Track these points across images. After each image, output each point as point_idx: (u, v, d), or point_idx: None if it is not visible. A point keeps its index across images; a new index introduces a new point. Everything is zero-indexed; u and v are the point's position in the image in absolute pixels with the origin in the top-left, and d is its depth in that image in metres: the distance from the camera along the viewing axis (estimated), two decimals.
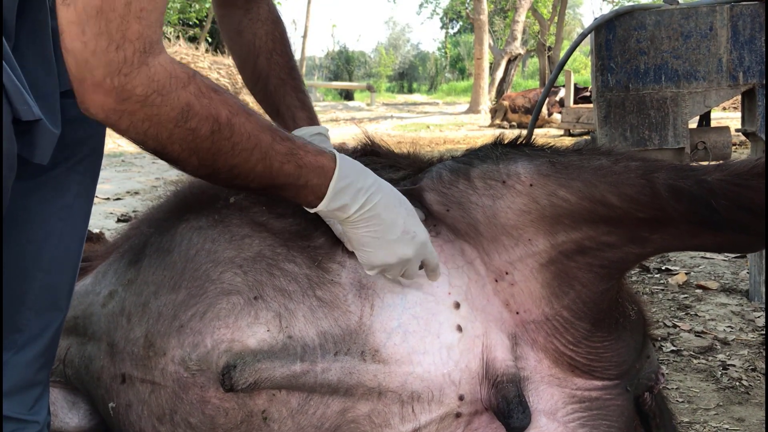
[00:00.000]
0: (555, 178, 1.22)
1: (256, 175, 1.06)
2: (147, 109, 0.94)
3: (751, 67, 2.53)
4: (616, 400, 1.34)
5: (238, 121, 1.02)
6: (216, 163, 1.03)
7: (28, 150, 1.12)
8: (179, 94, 0.96)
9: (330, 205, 1.13)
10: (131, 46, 0.91)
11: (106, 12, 0.89)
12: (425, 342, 1.23)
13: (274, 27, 1.50)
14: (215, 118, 0.99)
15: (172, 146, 0.99)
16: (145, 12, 0.92)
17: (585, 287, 1.25)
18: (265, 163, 1.06)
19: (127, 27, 0.91)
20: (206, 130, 0.99)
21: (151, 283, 1.35)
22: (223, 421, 1.23)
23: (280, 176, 1.08)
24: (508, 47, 20.53)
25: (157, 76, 0.94)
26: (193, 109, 0.97)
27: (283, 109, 1.47)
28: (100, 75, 0.91)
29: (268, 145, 1.05)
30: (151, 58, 0.94)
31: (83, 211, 1.30)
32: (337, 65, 41.82)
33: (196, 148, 1.00)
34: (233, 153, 1.02)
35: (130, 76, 0.92)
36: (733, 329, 2.67)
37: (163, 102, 0.95)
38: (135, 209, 5.22)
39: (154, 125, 0.96)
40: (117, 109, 0.94)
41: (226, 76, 16.49)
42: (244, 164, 1.04)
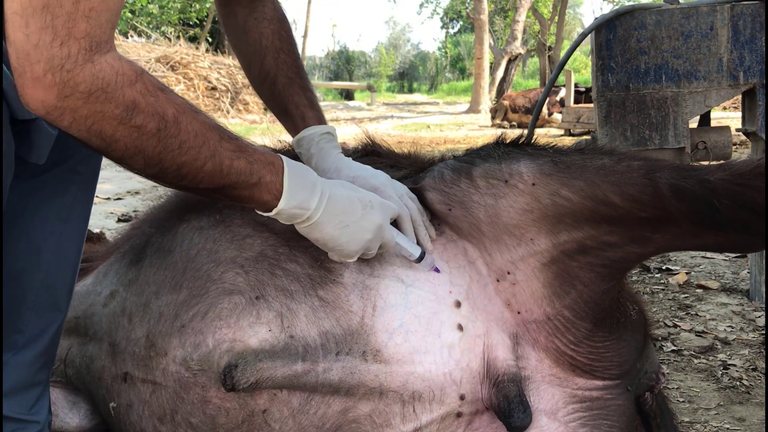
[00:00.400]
0: (557, 177, 1.22)
1: (206, 173, 1.04)
2: (90, 106, 0.93)
3: (751, 67, 2.53)
4: (617, 400, 1.34)
5: (185, 119, 1.00)
6: (163, 162, 1.00)
7: (25, 149, 1.11)
8: (125, 91, 0.94)
9: (290, 201, 1.10)
10: (77, 43, 0.90)
11: (53, 8, 0.88)
12: (426, 341, 1.22)
13: (281, 26, 1.49)
14: (161, 115, 0.98)
15: (116, 144, 0.97)
16: (95, 12, 0.91)
17: (586, 287, 1.25)
18: (215, 160, 1.03)
19: (74, 24, 0.89)
20: (152, 127, 0.97)
21: (153, 283, 1.35)
22: (224, 420, 1.23)
23: (231, 173, 1.05)
24: (509, 47, 20.53)
25: (102, 73, 0.92)
26: (139, 107, 0.96)
27: (292, 108, 1.46)
28: (40, 69, 0.89)
29: (216, 143, 1.04)
30: (98, 56, 0.92)
31: (83, 212, 1.30)
32: (338, 65, 41.82)
33: (142, 146, 0.98)
34: (180, 151, 1.00)
35: (72, 72, 0.90)
36: (734, 329, 2.66)
37: (108, 98, 0.93)
38: (136, 209, 5.22)
39: (98, 122, 0.94)
40: (58, 106, 0.92)
41: (226, 75, 16.49)
42: (192, 162, 1.02)
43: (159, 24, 21.99)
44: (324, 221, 1.14)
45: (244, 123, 15.06)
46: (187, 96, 15.54)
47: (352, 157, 1.50)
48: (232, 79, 16.60)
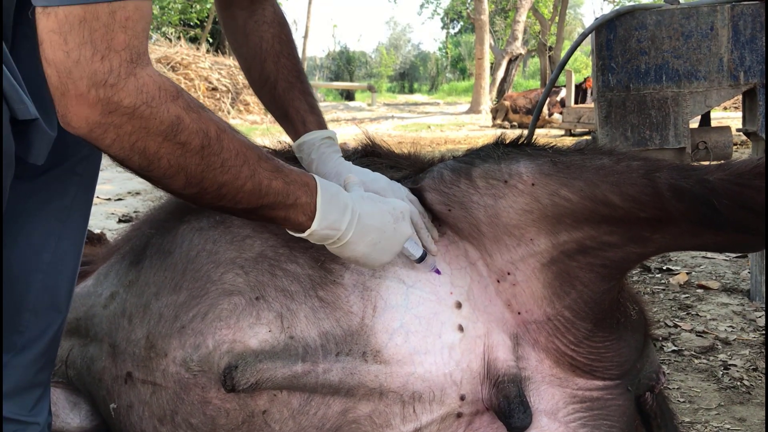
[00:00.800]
0: (557, 177, 1.22)
1: (245, 193, 1.02)
2: (135, 122, 0.91)
3: (752, 67, 2.53)
4: (618, 400, 1.34)
5: (226, 138, 0.99)
6: (204, 180, 0.99)
7: (24, 150, 1.11)
8: (169, 106, 0.93)
9: (322, 222, 1.09)
10: (117, 56, 0.88)
11: (90, 21, 0.86)
12: (427, 342, 1.22)
13: (281, 29, 1.48)
14: (205, 132, 0.96)
15: (159, 162, 0.95)
16: (131, 21, 0.89)
17: (586, 287, 1.25)
18: (254, 180, 1.02)
19: (113, 37, 0.88)
20: (196, 144, 0.95)
21: (153, 284, 1.35)
22: (224, 421, 1.23)
23: (269, 194, 1.04)
24: (509, 47, 20.53)
25: (146, 87, 0.91)
26: (184, 122, 0.94)
27: (293, 113, 1.45)
28: (83, 86, 0.87)
29: (255, 162, 1.02)
30: (139, 69, 0.90)
31: (82, 213, 1.30)
32: (338, 65, 41.82)
33: (185, 164, 0.96)
34: (222, 170, 0.99)
35: (116, 87, 0.88)
36: (735, 329, 2.66)
37: (153, 114, 0.91)
38: (136, 210, 5.22)
39: (142, 138, 0.92)
40: (102, 122, 0.90)
41: (227, 76, 16.49)
42: (233, 182, 1.00)
43: (160, 25, 22.00)
44: (355, 240, 1.14)
45: (245, 123, 15.06)
46: None
47: (353, 157, 1.50)
48: (233, 79, 16.60)
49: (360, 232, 1.13)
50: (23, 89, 1.05)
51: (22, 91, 1.05)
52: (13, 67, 1.05)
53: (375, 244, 1.15)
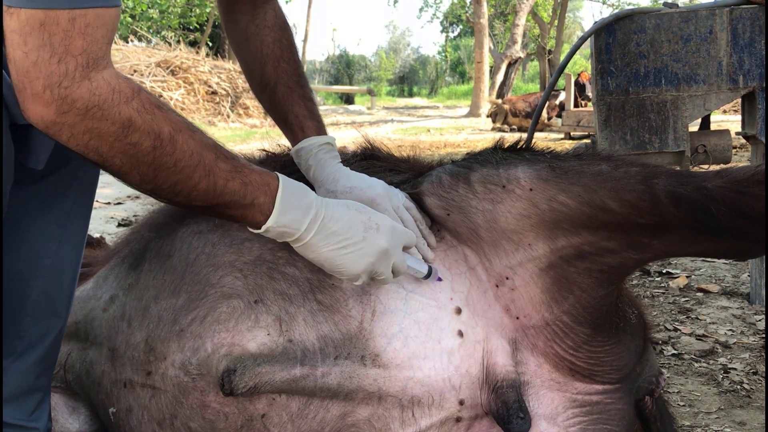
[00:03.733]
0: (555, 182, 1.22)
1: (200, 192, 1.05)
2: (87, 122, 0.94)
3: (751, 70, 2.53)
4: (617, 404, 1.34)
5: (181, 138, 1.02)
6: (157, 178, 1.02)
7: (24, 155, 1.12)
8: (121, 108, 0.96)
9: (278, 220, 1.11)
10: (74, 60, 0.91)
11: (49, 25, 0.89)
12: (426, 347, 1.22)
13: (282, 33, 1.48)
14: (157, 133, 0.99)
15: (113, 159, 0.99)
16: (90, 28, 0.92)
17: (585, 292, 1.25)
18: (209, 180, 1.05)
19: (71, 42, 0.91)
20: (148, 145, 0.99)
21: (152, 288, 1.35)
22: (223, 425, 1.23)
23: (225, 194, 1.07)
24: (509, 51, 20.55)
25: (99, 90, 0.94)
26: (135, 124, 0.97)
27: (291, 119, 1.45)
28: (39, 86, 0.91)
29: (211, 162, 1.05)
30: (95, 72, 0.94)
31: (82, 217, 1.30)
32: (338, 69, 41.83)
33: (138, 163, 1.00)
34: (175, 169, 1.02)
35: (70, 89, 0.92)
36: (734, 332, 2.66)
37: (104, 116, 0.95)
38: (136, 213, 5.22)
39: (95, 138, 0.96)
40: (56, 121, 0.94)
41: (226, 79, 16.51)
42: (186, 181, 1.03)
43: (159, 28, 22.03)
44: (316, 242, 1.15)
45: (245, 127, 15.07)
46: (188, 100, 15.57)
47: (352, 161, 1.50)
48: (233, 83, 16.61)
49: (323, 234, 1.14)
50: None
51: None
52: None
53: (341, 249, 1.16)
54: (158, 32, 21.75)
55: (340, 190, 1.33)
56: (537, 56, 25.48)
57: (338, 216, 1.16)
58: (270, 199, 1.10)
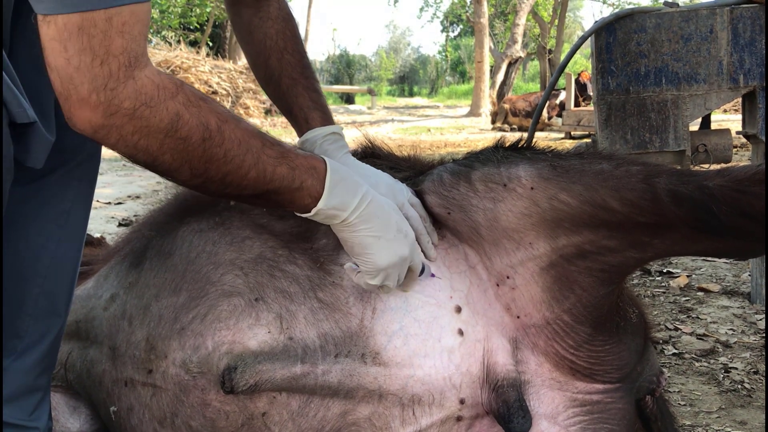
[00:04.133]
0: (556, 181, 1.22)
1: (250, 181, 1.05)
2: (136, 122, 0.94)
3: (751, 70, 2.53)
4: (618, 404, 1.33)
5: (228, 128, 1.02)
6: (208, 171, 1.02)
7: (23, 154, 1.12)
8: (168, 104, 0.96)
9: (328, 202, 1.11)
10: (116, 60, 0.91)
11: (87, 28, 0.89)
12: (426, 345, 1.22)
13: (285, 25, 1.48)
14: (205, 125, 0.99)
15: (163, 157, 0.99)
16: (128, 26, 0.91)
17: (585, 291, 1.25)
18: (258, 168, 1.05)
19: (110, 42, 0.90)
20: (197, 138, 0.99)
21: (153, 286, 1.35)
22: (223, 424, 1.23)
23: (274, 180, 1.07)
24: (509, 50, 20.53)
25: (144, 88, 0.94)
26: (183, 118, 0.97)
27: (296, 111, 1.46)
28: (85, 91, 0.90)
29: (259, 150, 1.05)
30: (137, 71, 0.93)
31: (81, 216, 1.30)
32: (338, 69, 41.82)
33: (188, 157, 1.00)
34: (225, 160, 1.02)
35: (116, 90, 0.92)
36: (735, 332, 2.66)
37: (152, 114, 0.95)
38: (136, 213, 5.22)
39: (144, 137, 0.96)
40: (105, 124, 0.93)
41: (226, 79, 16.50)
42: (236, 171, 1.04)
43: (159, 28, 22.03)
44: (358, 223, 1.14)
45: None
46: None
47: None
48: (233, 83, 16.61)
49: (367, 216, 1.14)
50: (22, 93, 1.06)
51: (21, 95, 1.05)
52: (11, 72, 1.05)
53: (376, 238, 1.15)
54: (158, 32, 21.75)
55: None
56: (537, 56, 25.47)
57: (381, 206, 1.16)
58: (319, 182, 1.10)
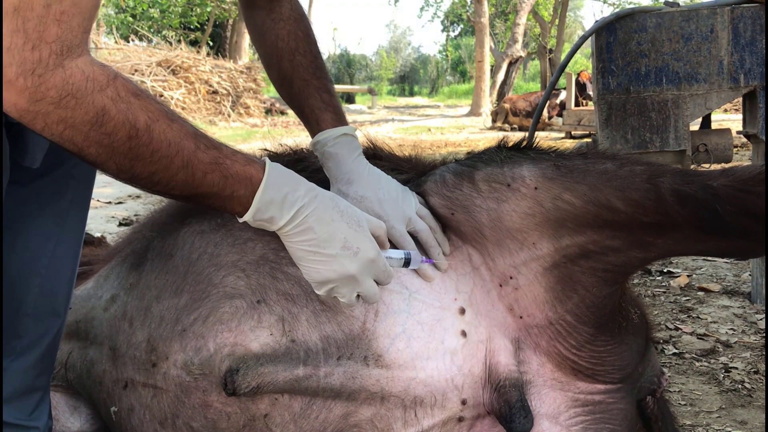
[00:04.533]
0: (560, 181, 1.22)
1: (177, 183, 1.04)
2: (61, 111, 0.92)
3: (752, 69, 2.53)
4: (619, 404, 1.33)
5: (158, 128, 0.99)
6: (134, 168, 1.00)
7: (20, 153, 1.11)
8: (94, 97, 0.94)
9: (256, 216, 1.10)
10: (48, 47, 0.89)
11: (24, 11, 0.88)
12: (429, 347, 1.22)
13: (297, 26, 1.48)
14: (132, 123, 0.97)
15: (88, 149, 0.97)
16: (66, 16, 0.90)
17: (588, 291, 1.25)
18: (187, 172, 1.03)
19: (45, 28, 0.89)
20: (123, 134, 0.97)
21: (153, 287, 1.34)
22: (225, 425, 1.23)
23: (203, 185, 1.05)
24: (509, 50, 20.53)
25: (72, 78, 0.92)
26: (109, 113, 0.95)
27: (307, 112, 1.44)
28: (12, 73, 0.89)
29: (190, 154, 1.03)
30: (68, 60, 0.92)
31: (79, 216, 1.30)
32: (339, 68, 41.79)
33: (113, 153, 0.98)
34: (152, 160, 1.00)
35: (43, 77, 0.90)
36: (736, 332, 2.66)
37: (77, 105, 0.93)
38: (137, 213, 5.22)
39: (69, 128, 0.94)
40: (30, 110, 0.92)
41: (227, 79, 16.51)
42: (163, 171, 1.02)
43: (160, 28, 22.03)
44: (294, 234, 1.13)
45: (246, 127, 15.07)
46: (189, 100, 15.57)
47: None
48: (233, 82, 16.61)
49: (299, 230, 1.12)
50: None
51: None
52: None
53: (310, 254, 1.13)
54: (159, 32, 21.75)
55: (352, 196, 1.31)
56: (538, 55, 25.46)
57: (323, 220, 1.12)
58: (250, 192, 1.08)
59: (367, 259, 1.14)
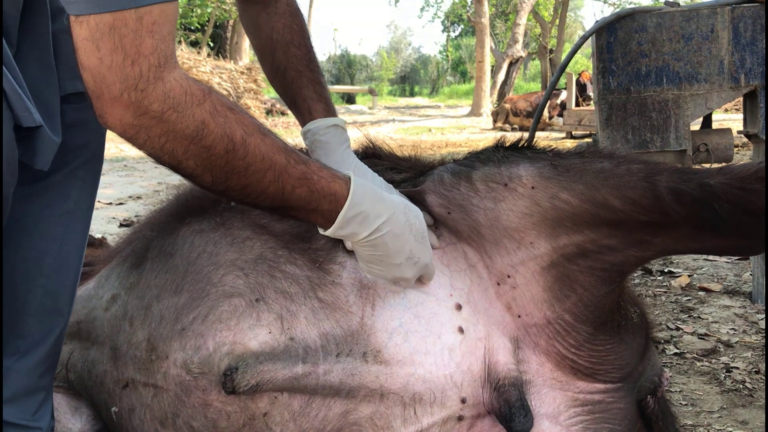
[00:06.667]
0: (557, 180, 1.22)
1: (268, 196, 1.07)
2: (163, 125, 0.96)
3: (752, 69, 2.53)
4: (619, 404, 1.33)
5: (252, 142, 1.03)
6: (229, 181, 1.04)
7: (29, 156, 1.12)
8: (194, 111, 0.97)
9: (338, 232, 1.15)
10: (146, 60, 0.92)
11: (119, 27, 0.90)
12: (427, 342, 1.22)
13: (292, 20, 1.51)
14: (230, 137, 1.00)
15: (187, 162, 1.00)
16: (157, 25, 0.92)
17: (586, 290, 1.25)
18: (278, 185, 1.07)
19: (141, 42, 0.91)
20: (221, 148, 1.00)
21: (154, 287, 1.35)
22: (225, 424, 1.23)
23: (291, 199, 1.09)
24: (510, 50, 20.54)
25: (173, 92, 0.95)
26: (208, 127, 0.98)
27: (299, 101, 1.48)
28: (116, 90, 0.92)
29: (281, 168, 1.06)
30: (167, 73, 0.94)
31: (84, 217, 1.30)
32: (339, 69, 41.79)
33: (211, 166, 1.01)
34: (246, 173, 1.03)
35: (146, 91, 0.93)
36: (737, 331, 2.66)
37: (179, 119, 0.96)
38: (137, 214, 5.22)
39: (170, 141, 0.97)
40: (134, 124, 0.95)
41: (227, 80, 16.51)
42: (256, 185, 1.05)
43: None
44: (368, 246, 1.19)
45: None
46: None
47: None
48: (234, 83, 16.62)
49: (376, 244, 1.18)
50: (27, 96, 1.06)
51: (27, 98, 1.05)
52: (17, 75, 1.06)
53: (376, 262, 1.21)
54: None
55: None
56: (538, 55, 25.46)
57: (396, 235, 1.18)
58: (335, 207, 1.13)
59: (423, 266, 1.22)
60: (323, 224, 1.15)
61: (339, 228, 1.14)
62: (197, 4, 21.25)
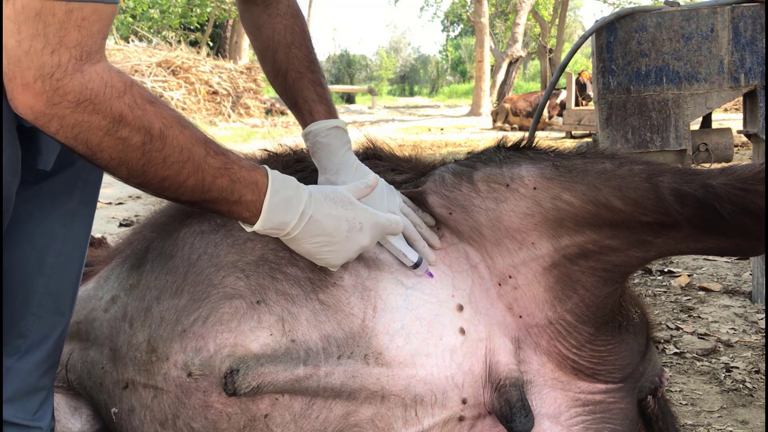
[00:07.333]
0: (559, 181, 1.22)
1: (188, 188, 1.06)
2: (78, 115, 0.94)
3: (752, 69, 2.53)
4: (620, 404, 1.33)
5: (171, 134, 1.02)
6: (146, 173, 1.02)
7: (32, 156, 1.12)
8: (113, 103, 0.96)
9: (266, 225, 1.13)
10: (67, 52, 0.91)
11: (46, 16, 0.89)
12: (428, 344, 1.22)
13: (293, 21, 1.51)
14: (147, 129, 0.99)
15: (101, 153, 0.99)
16: (87, 22, 0.92)
17: (588, 291, 1.25)
18: (197, 176, 1.05)
19: (65, 33, 0.90)
20: (137, 141, 0.99)
21: (154, 288, 1.35)
22: (225, 425, 1.23)
23: (212, 190, 1.07)
24: (509, 50, 20.54)
25: (91, 83, 0.94)
26: (125, 119, 0.97)
27: (301, 103, 1.47)
28: (30, 76, 0.90)
29: (200, 159, 1.05)
30: (88, 65, 0.93)
31: (86, 217, 1.30)
32: (339, 69, 41.80)
33: (126, 158, 1.00)
34: (164, 165, 1.02)
35: (62, 81, 0.92)
36: (737, 331, 2.66)
37: (95, 110, 0.95)
38: (137, 214, 5.22)
39: (84, 131, 0.96)
40: (46, 113, 0.93)
41: (227, 79, 16.51)
42: (175, 177, 1.04)
43: (160, 28, 22.04)
44: (301, 238, 1.16)
45: (246, 127, 15.07)
46: (189, 100, 15.58)
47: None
48: (233, 83, 16.62)
49: (308, 232, 1.16)
50: None
51: None
52: None
53: (323, 246, 1.18)
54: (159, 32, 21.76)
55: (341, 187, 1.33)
56: (538, 55, 25.47)
57: (325, 213, 1.16)
58: (258, 198, 1.11)
59: (372, 224, 1.20)
60: (249, 218, 1.12)
61: (267, 219, 1.12)
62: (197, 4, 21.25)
